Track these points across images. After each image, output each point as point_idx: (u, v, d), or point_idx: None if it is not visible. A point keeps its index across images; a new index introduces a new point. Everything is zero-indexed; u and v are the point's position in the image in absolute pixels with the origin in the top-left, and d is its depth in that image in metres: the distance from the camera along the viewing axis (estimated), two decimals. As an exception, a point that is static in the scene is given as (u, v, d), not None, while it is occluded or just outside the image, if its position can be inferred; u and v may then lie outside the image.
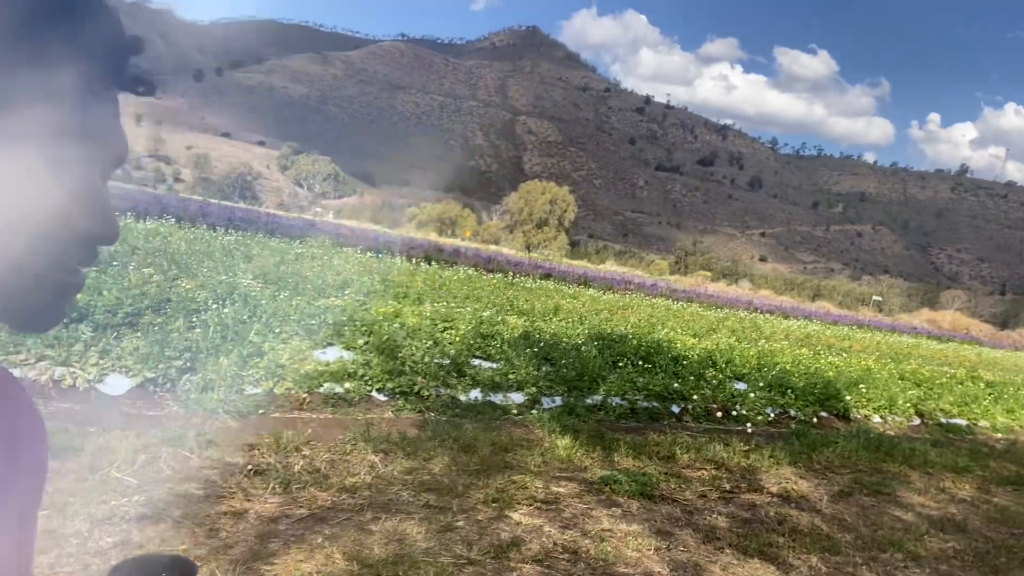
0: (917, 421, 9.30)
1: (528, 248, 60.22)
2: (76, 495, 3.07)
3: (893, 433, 8.40)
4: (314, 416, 5.18)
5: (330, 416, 5.25)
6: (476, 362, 7.07)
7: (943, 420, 9.50)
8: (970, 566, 4.42)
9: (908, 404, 9.54)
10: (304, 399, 5.38)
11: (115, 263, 8.35)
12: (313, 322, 6.91)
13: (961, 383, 12.26)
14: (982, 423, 9.89)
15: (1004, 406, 10.90)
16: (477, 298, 12.38)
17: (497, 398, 6.40)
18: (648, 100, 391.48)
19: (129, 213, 17.39)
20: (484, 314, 9.85)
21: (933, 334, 36.12)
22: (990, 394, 11.68)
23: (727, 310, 24.00)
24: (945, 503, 5.77)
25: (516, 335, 8.57)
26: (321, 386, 5.60)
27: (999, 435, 9.54)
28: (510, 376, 6.79)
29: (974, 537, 4.99)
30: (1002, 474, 7.04)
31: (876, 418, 8.95)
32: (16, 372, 4.41)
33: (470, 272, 19.18)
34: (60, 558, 2.57)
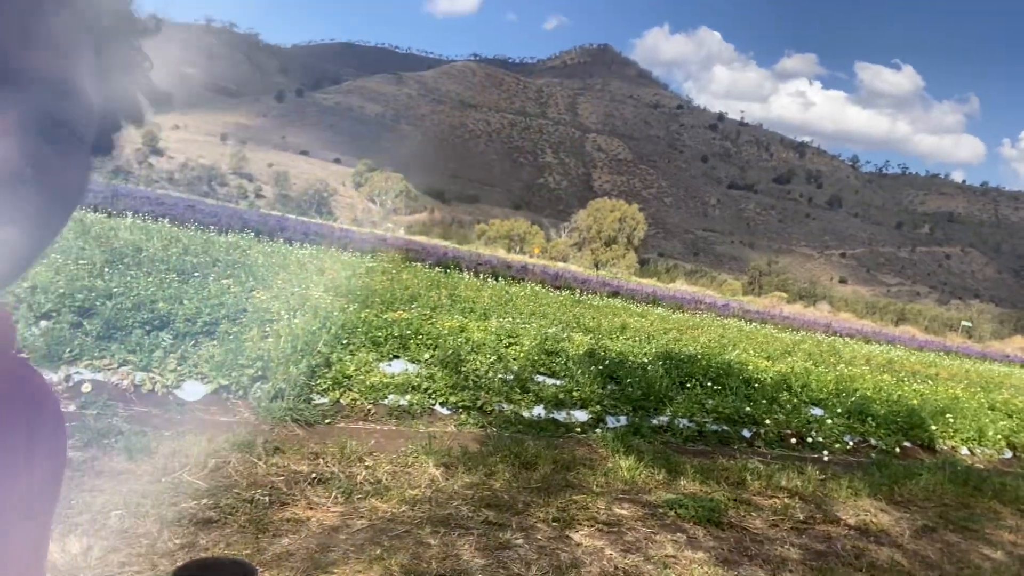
0: (1009, 454, 8.71)
1: (596, 266, 59.85)
2: (148, 496, 3.17)
3: (982, 466, 7.88)
4: (378, 427, 5.23)
5: (393, 428, 5.30)
6: (540, 378, 7.02)
7: (1040, 455, 8.86)
8: (1071, 615, 4.08)
9: (999, 436, 8.94)
10: (369, 410, 5.44)
11: (196, 274, 8.73)
12: (380, 334, 7.02)
13: (1061, 416, 11.42)
14: (1085, 460, 9.16)
15: (1110, 442, 10.07)
16: (543, 314, 12.35)
17: (560, 415, 6.32)
18: (721, 117, 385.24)
19: (212, 227, 18.19)
20: (550, 330, 9.80)
21: (1029, 363, 33.91)
22: (1094, 429, 10.83)
23: (803, 333, 23.16)
24: (1042, 544, 5.35)
25: (581, 352, 8.48)
26: (386, 398, 5.66)
27: (1104, 473, 8.82)
28: (574, 393, 6.70)
29: (1075, 583, 4.60)
30: (1108, 516, 6.49)
31: (964, 450, 8.42)
32: (99, 376, 4.62)
33: (537, 288, 19.17)
34: (130, 557, 2.65)
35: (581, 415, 6.44)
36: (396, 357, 6.63)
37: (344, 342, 6.34)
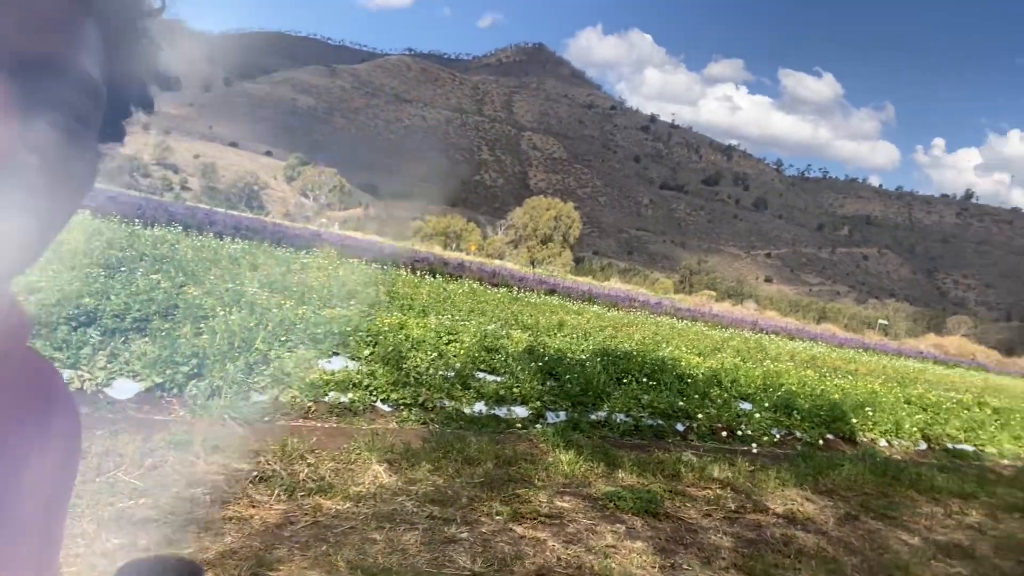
0: (923, 446, 9.25)
1: (532, 264, 60.27)
2: (83, 496, 3.06)
3: (899, 457, 8.35)
4: (319, 425, 5.17)
5: (335, 425, 5.24)
6: (481, 375, 7.06)
7: (950, 445, 9.44)
8: (977, 592, 4.38)
9: (915, 428, 9.49)
10: (309, 408, 5.37)
11: (123, 268, 8.39)
12: (319, 331, 6.92)
13: (968, 409, 12.18)
14: (989, 449, 9.82)
15: (1011, 433, 10.82)
16: (482, 312, 12.38)
17: (501, 411, 6.38)
18: (653, 119, 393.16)
19: (136, 220, 17.47)
20: (489, 327, 9.85)
21: (939, 359, 35.95)
22: (997, 420, 11.60)
23: (732, 330, 23.92)
24: (952, 529, 5.72)
25: (521, 349, 8.56)
26: (326, 395, 5.59)
27: (1006, 461, 9.47)
28: (514, 390, 6.77)
29: (981, 564, 4.94)
30: (1009, 501, 6.98)
31: (882, 442, 8.90)
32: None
33: (475, 286, 19.19)
34: (67, 558, 2.56)
35: (522, 411, 6.51)
36: (336, 354, 6.55)
37: (283, 339, 6.23)
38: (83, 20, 0.47)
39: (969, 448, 9.59)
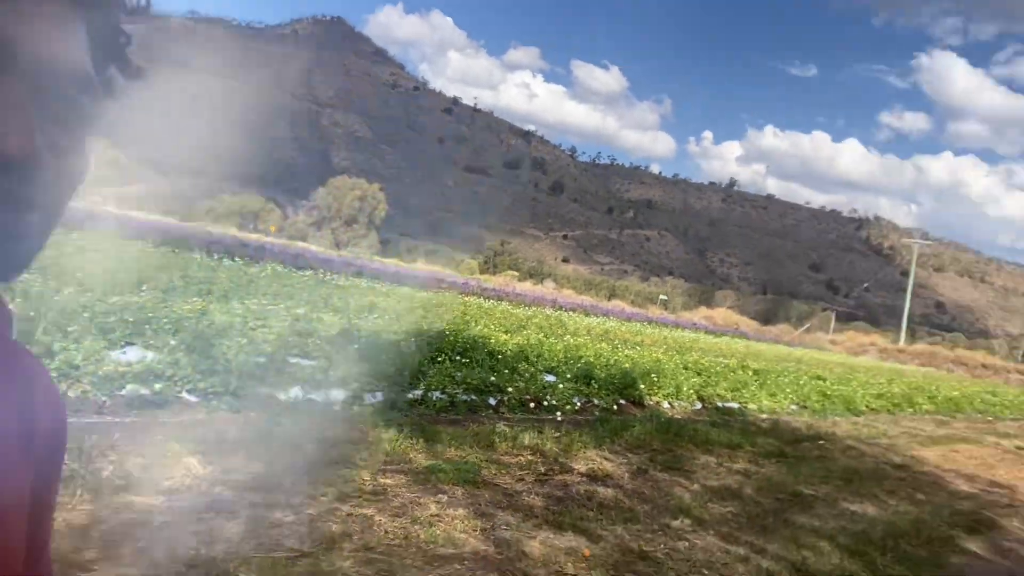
0: (699, 405, 10.48)
1: (337, 246, 58.69)
2: None
3: (680, 417, 9.41)
4: (118, 420, 4.80)
5: (136, 419, 4.90)
6: (295, 360, 6.91)
7: (720, 404, 10.79)
8: (744, 527, 5.15)
9: (691, 391, 10.71)
10: (104, 402, 4.96)
11: None
12: (107, 320, 6.37)
13: (733, 371, 13.96)
14: (751, 406, 11.36)
15: (768, 391, 12.59)
16: (289, 295, 11.98)
17: (318, 396, 6.31)
18: (456, 101, 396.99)
19: None
20: (299, 311, 9.60)
21: (710, 329, 40.41)
22: (756, 380, 13.43)
23: (534, 308, 25.14)
24: (723, 475, 6.63)
25: (334, 332, 8.46)
26: (123, 388, 5.20)
27: (764, 415, 11.02)
28: (330, 373, 6.72)
29: (747, 502, 5.80)
30: (768, 449, 8.18)
31: (666, 404, 9.96)
32: None
33: (278, 268, 18.41)
34: None
35: (339, 394, 6.48)
36: (130, 343, 6.09)
37: (67, 329, 5.66)
38: (75, 14, 0.48)
39: (735, 405, 11.02)
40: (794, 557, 4.61)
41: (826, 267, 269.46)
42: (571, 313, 27.58)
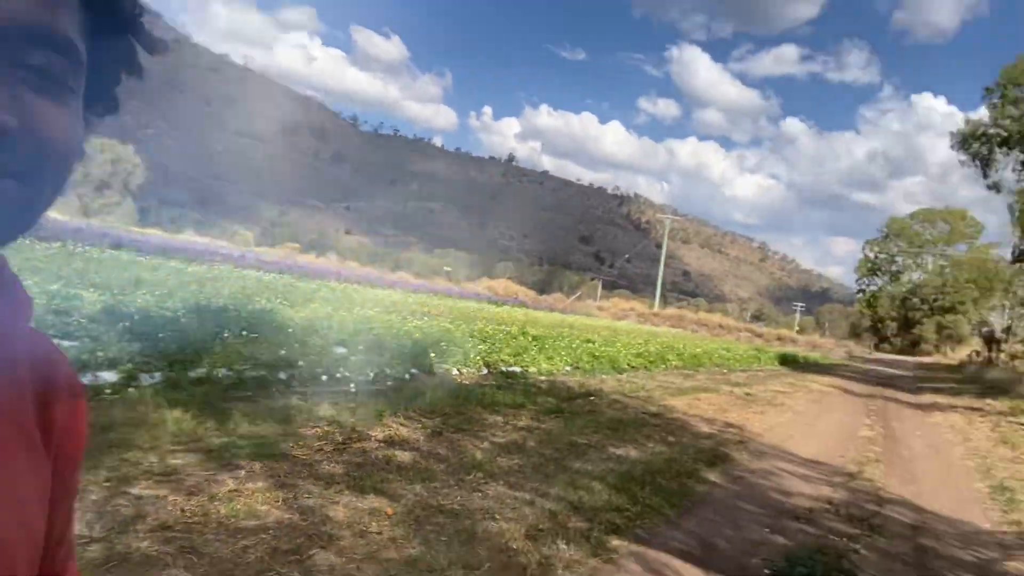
0: (485, 371, 11.08)
1: (86, 213, 52.10)
2: None
3: (468, 382, 9.91)
4: None
5: None
6: (54, 341, 6.24)
7: (504, 368, 11.49)
8: (529, 476, 5.67)
9: (478, 357, 11.28)
10: None
11: None
12: None
13: (515, 338, 14.87)
14: (531, 369, 12.22)
15: (546, 355, 13.60)
16: (36, 270, 10.62)
17: (85, 379, 5.79)
18: (225, 59, 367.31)
19: None
20: (51, 287, 8.61)
21: (492, 299, 42.16)
22: (536, 346, 14.43)
23: (319, 281, 24.50)
24: (510, 432, 7.17)
25: (97, 310, 7.74)
26: None
27: (543, 377, 11.92)
28: (98, 354, 6.18)
29: (531, 455, 6.36)
30: (547, 406, 8.93)
31: (455, 371, 10.40)
32: None
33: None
34: None
35: (110, 376, 6.00)
36: None
37: None
38: None
39: (517, 369, 11.81)
40: (572, 497, 5.20)
41: (594, 240, 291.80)
42: (357, 286, 27.28)
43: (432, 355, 10.32)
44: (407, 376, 9.09)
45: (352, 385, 7.92)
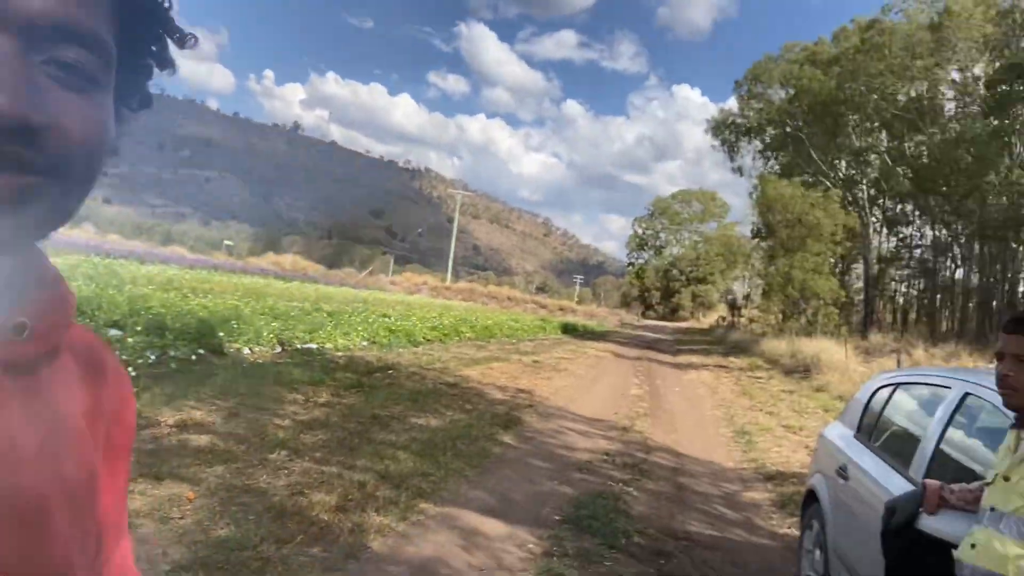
0: (280, 349, 10.76)
1: None
2: None
3: (263, 361, 9.59)
4: None
5: None
6: None
7: (299, 345, 11.24)
8: (335, 450, 5.74)
9: (271, 335, 10.92)
10: None
11: None
12: None
13: (309, 314, 14.51)
14: (328, 345, 12.06)
15: (342, 330, 13.47)
16: None
17: None
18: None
19: None
20: None
21: (279, 275, 40.24)
22: (331, 322, 14.21)
23: (76, 256, 21.83)
24: (311, 408, 7.13)
25: None
26: None
27: (340, 353, 11.83)
28: None
29: (335, 429, 6.40)
30: (346, 382, 8.94)
31: (247, 350, 10.00)
32: None
33: None
34: None
35: None
36: None
37: None
38: None
39: (314, 346, 11.60)
40: (379, 467, 5.37)
41: (386, 214, 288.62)
42: (123, 261, 24.71)
43: (221, 334, 9.81)
44: (194, 357, 8.59)
45: (131, 370, 7.35)
